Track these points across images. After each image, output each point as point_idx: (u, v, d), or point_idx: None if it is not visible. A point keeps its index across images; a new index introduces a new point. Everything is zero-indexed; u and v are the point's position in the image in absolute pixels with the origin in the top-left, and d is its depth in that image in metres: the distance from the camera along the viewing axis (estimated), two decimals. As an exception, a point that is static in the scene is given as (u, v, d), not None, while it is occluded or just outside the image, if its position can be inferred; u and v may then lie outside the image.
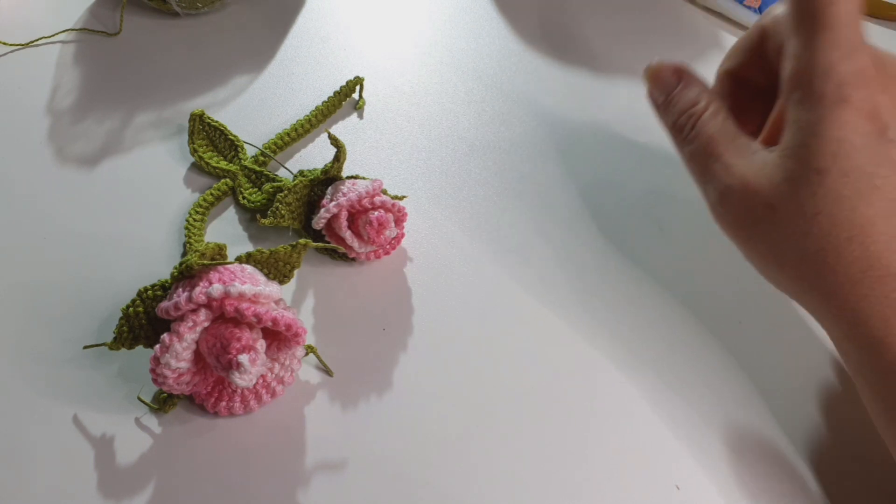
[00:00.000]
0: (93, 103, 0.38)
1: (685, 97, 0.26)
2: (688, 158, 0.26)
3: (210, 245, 0.26)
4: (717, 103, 0.26)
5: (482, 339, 0.29)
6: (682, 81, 0.27)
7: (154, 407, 0.26)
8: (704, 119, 0.25)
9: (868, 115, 0.22)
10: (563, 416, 0.27)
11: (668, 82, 0.27)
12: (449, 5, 0.46)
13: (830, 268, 0.22)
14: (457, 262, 0.32)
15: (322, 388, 0.27)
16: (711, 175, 0.25)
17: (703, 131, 0.25)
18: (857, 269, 0.22)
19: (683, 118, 0.26)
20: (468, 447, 0.26)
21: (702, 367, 0.29)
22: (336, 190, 0.30)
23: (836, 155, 0.22)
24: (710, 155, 0.25)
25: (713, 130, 0.25)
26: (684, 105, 0.26)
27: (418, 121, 0.38)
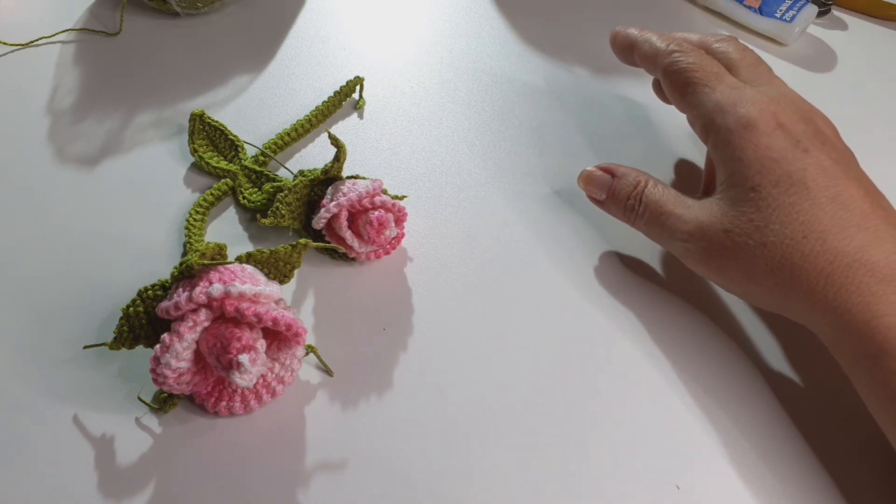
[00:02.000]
0: (93, 103, 0.38)
1: (625, 184, 0.29)
2: (646, 228, 0.29)
3: (210, 245, 0.26)
4: (654, 179, 0.29)
5: (482, 338, 0.29)
6: (615, 175, 0.30)
7: (154, 407, 0.26)
8: (647, 192, 0.28)
9: (775, 131, 0.25)
10: (562, 415, 0.27)
11: (603, 180, 0.30)
12: (449, 5, 0.46)
13: (799, 268, 0.24)
14: (457, 262, 0.32)
15: (322, 388, 0.27)
16: (669, 231, 0.27)
17: (651, 201, 0.28)
18: (824, 261, 0.23)
19: (630, 200, 0.29)
20: (468, 447, 0.26)
21: (702, 366, 0.29)
22: (336, 190, 0.30)
23: (760, 171, 0.25)
24: (663, 214, 0.28)
25: (658, 196, 0.28)
26: (626, 190, 0.29)
27: (418, 121, 0.38)
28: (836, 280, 0.23)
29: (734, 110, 0.26)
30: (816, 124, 0.26)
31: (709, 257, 0.26)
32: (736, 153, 0.25)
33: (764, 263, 0.24)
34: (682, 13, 0.48)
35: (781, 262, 0.24)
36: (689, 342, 0.29)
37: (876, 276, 0.22)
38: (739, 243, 0.25)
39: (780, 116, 0.26)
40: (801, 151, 0.25)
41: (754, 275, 0.25)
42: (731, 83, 0.27)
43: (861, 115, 0.41)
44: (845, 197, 0.24)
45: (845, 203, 0.24)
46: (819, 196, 0.24)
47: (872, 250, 0.23)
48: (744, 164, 0.25)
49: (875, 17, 0.49)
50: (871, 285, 0.22)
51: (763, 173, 0.25)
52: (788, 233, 0.24)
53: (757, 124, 0.25)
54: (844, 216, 0.24)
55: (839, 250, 0.23)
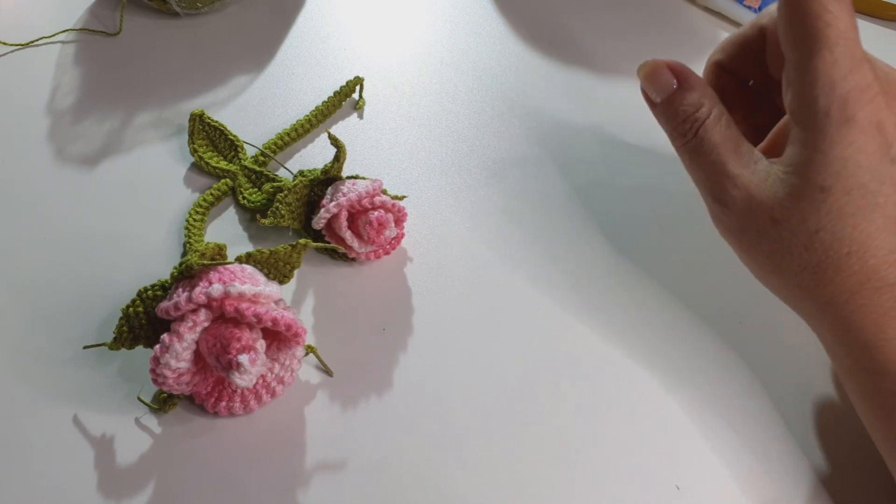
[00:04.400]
0: (93, 103, 0.38)
1: (687, 101, 0.25)
2: (690, 164, 0.26)
3: (210, 245, 0.26)
4: (720, 108, 0.25)
5: (482, 338, 0.29)
6: (682, 83, 0.26)
7: (154, 407, 0.26)
8: (708, 125, 0.24)
9: (872, 133, 0.22)
10: (562, 415, 0.27)
11: (665, 82, 0.26)
12: (449, 5, 0.46)
13: (829, 279, 0.23)
14: (457, 262, 0.32)
15: (322, 388, 0.27)
16: (714, 183, 0.24)
17: (707, 138, 0.24)
18: (855, 281, 0.22)
19: (687, 123, 0.25)
20: (468, 447, 0.26)
21: (702, 366, 0.29)
22: (336, 190, 0.30)
23: (839, 174, 0.22)
24: (714, 163, 0.24)
25: (717, 138, 0.24)
26: (687, 109, 0.25)
27: (418, 121, 0.38)
28: (860, 300, 0.22)
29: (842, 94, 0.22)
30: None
31: (743, 234, 0.24)
32: (823, 144, 0.22)
33: (798, 263, 0.23)
34: (682, 13, 0.48)
35: (815, 268, 0.23)
36: (689, 342, 0.29)
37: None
38: (783, 237, 0.23)
39: (883, 113, 0.22)
40: (888, 162, 0.22)
41: (781, 268, 0.24)
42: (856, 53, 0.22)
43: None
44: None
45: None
46: (881, 216, 0.22)
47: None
48: (826, 159, 0.22)
49: (875, 17, 0.49)
50: (891, 310, 0.22)
51: (840, 176, 0.22)
52: (836, 245, 0.22)
53: (858, 121, 0.22)
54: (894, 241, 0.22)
55: (874, 273, 0.22)
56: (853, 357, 0.23)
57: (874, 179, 0.22)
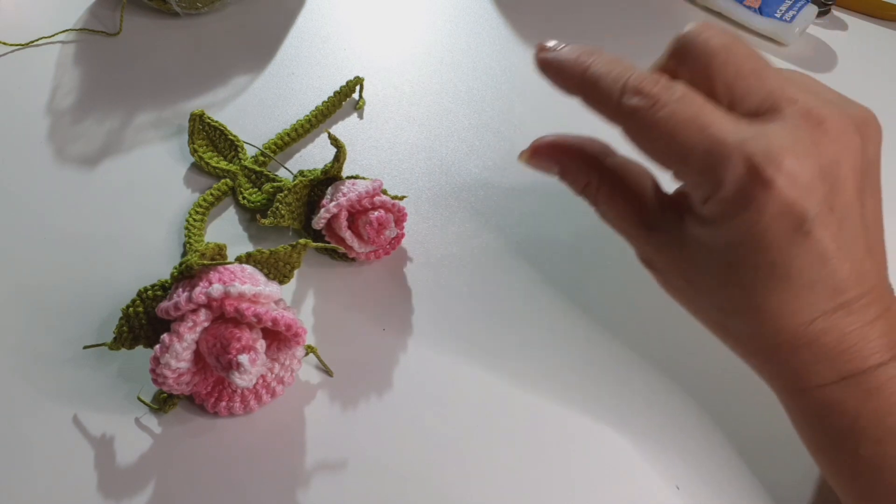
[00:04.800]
0: (93, 103, 0.38)
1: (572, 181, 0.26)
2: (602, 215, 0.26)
3: (210, 245, 0.26)
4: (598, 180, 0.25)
5: (482, 338, 0.29)
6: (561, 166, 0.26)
7: (154, 407, 0.26)
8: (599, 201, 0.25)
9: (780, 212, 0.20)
10: (562, 415, 0.27)
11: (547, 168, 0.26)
12: (449, 5, 0.46)
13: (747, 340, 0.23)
14: (457, 262, 0.32)
15: (322, 388, 0.27)
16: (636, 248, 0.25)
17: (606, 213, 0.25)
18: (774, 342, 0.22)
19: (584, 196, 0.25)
20: (468, 447, 0.26)
21: (702, 366, 0.29)
22: (336, 190, 0.30)
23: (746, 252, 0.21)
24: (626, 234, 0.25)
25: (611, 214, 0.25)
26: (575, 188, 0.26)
27: (418, 121, 0.38)
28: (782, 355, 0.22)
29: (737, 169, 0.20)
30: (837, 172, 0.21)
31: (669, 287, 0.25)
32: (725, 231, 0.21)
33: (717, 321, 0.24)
34: (681, 13, 0.48)
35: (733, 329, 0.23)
36: (689, 342, 0.29)
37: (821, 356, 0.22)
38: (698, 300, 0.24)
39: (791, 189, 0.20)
40: (801, 235, 0.20)
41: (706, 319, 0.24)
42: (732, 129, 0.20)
43: (861, 115, 0.41)
44: (827, 279, 0.21)
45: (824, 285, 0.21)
46: (796, 285, 0.21)
47: (828, 334, 0.21)
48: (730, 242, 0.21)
49: (875, 17, 0.49)
50: (813, 363, 0.22)
51: (747, 256, 0.21)
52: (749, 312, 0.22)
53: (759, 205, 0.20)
54: (814, 302, 0.21)
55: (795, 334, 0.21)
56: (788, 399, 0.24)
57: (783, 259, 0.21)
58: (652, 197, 0.24)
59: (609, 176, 0.25)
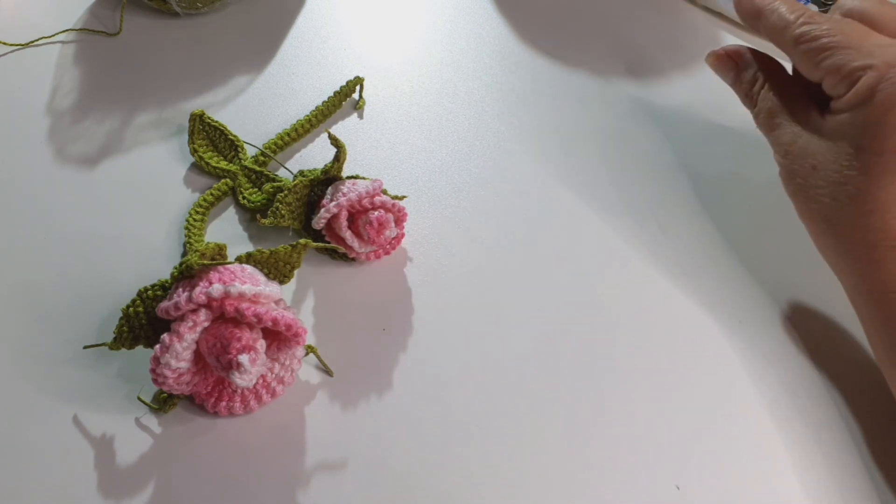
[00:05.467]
0: (93, 103, 0.38)
1: (744, 79, 0.31)
2: (756, 121, 0.30)
3: (210, 245, 0.26)
4: (768, 80, 0.30)
5: (482, 338, 0.29)
6: (738, 65, 0.31)
7: (154, 407, 0.26)
8: (762, 96, 0.30)
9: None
10: (563, 415, 0.27)
11: (727, 68, 0.32)
12: (449, 5, 0.46)
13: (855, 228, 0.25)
14: (457, 262, 0.32)
15: (322, 388, 0.27)
16: (774, 137, 0.28)
17: (761, 108, 0.29)
18: (876, 237, 0.25)
19: (748, 99, 0.30)
20: (468, 447, 0.26)
21: (702, 366, 0.29)
22: (336, 190, 0.30)
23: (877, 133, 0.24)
24: (771, 126, 0.29)
25: (769, 105, 0.29)
26: (745, 87, 0.31)
27: (418, 121, 0.38)
28: (877, 254, 0.24)
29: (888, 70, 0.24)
30: None
31: (791, 179, 0.28)
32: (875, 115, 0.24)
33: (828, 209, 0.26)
34: (682, 13, 0.48)
35: (847, 233, 0.25)
36: (688, 342, 0.29)
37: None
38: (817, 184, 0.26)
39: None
40: None
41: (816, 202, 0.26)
42: (881, 41, 0.25)
43: (861, 115, 0.41)
44: None
45: None
46: None
47: None
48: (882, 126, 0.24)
49: (875, 17, 0.49)
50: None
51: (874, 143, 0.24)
52: (863, 197, 0.25)
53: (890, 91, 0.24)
54: None
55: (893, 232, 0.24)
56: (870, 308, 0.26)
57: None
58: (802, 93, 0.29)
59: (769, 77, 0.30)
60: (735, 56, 0.31)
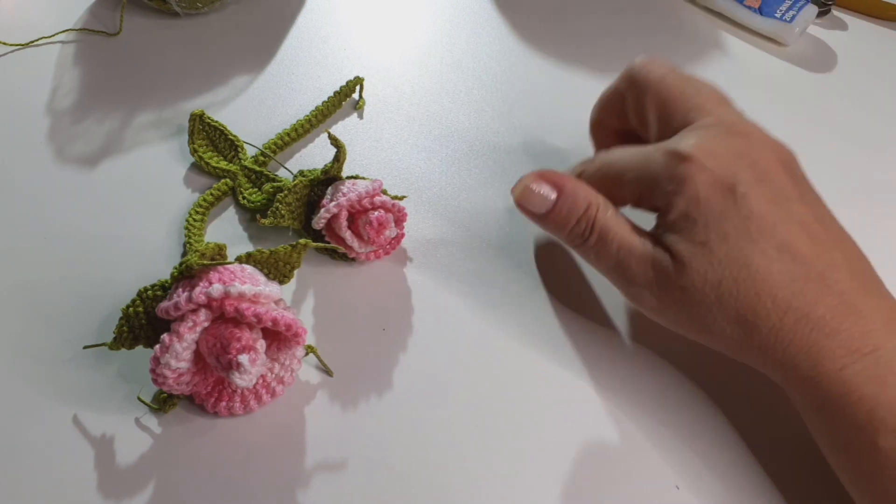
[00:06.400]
0: (93, 103, 0.38)
1: (576, 204, 0.26)
2: (596, 259, 0.27)
3: (210, 245, 0.26)
4: (604, 199, 0.27)
5: (482, 338, 0.29)
6: (561, 190, 0.27)
7: (154, 407, 0.26)
8: (600, 217, 0.26)
9: (710, 183, 0.24)
10: (563, 415, 0.27)
11: (542, 195, 0.27)
12: (449, 5, 0.46)
13: (752, 325, 0.24)
14: (457, 262, 0.32)
15: (322, 388, 0.27)
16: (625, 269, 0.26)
17: (606, 227, 0.26)
18: (775, 318, 0.23)
19: (582, 223, 0.26)
20: (468, 447, 0.26)
21: (702, 366, 0.29)
22: (336, 190, 0.30)
23: (706, 226, 0.24)
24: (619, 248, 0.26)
25: (613, 225, 0.26)
26: (577, 211, 0.26)
27: (418, 121, 0.38)
28: (785, 336, 0.23)
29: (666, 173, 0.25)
30: (752, 156, 0.25)
31: (664, 309, 0.26)
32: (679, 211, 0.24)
33: (719, 318, 0.24)
34: (682, 13, 0.48)
35: (736, 319, 0.24)
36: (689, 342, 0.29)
37: (822, 331, 0.23)
38: (696, 300, 0.24)
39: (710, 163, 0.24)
40: (739, 199, 0.24)
41: (708, 328, 0.25)
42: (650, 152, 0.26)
43: (861, 115, 0.41)
44: (790, 245, 0.24)
45: (791, 252, 0.23)
46: (766, 248, 0.23)
47: (818, 305, 0.23)
48: (690, 222, 0.24)
49: (875, 17, 0.50)
50: (818, 340, 0.23)
51: (709, 228, 0.24)
52: (742, 289, 0.23)
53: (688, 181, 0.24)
54: (791, 268, 0.23)
55: (788, 306, 0.23)
56: (800, 396, 0.24)
57: (737, 220, 0.24)
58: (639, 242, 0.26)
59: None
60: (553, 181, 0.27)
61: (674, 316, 0.25)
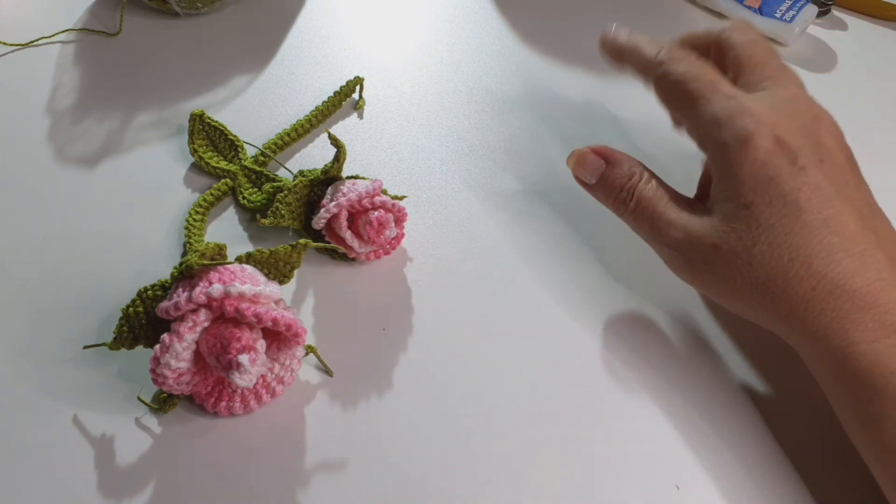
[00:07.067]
0: (93, 103, 0.38)
1: (619, 173, 0.28)
2: (635, 224, 0.28)
3: (210, 245, 0.26)
4: (647, 171, 0.28)
5: (482, 338, 0.29)
6: (609, 161, 0.28)
7: (154, 407, 0.26)
8: (640, 187, 0.27)
9: (773, 148, 0.24)
10: (563, 415, 0.27)
11: (595, 165, 0.28)
12: (449, 5, 0.46)
13: (782, 290, 0.24)
14: (457, 262, 0.32)
15: (322, 388, 0.27)
16: (658, 234, 0.27)
17: (643, 197, 0.27)
18: (807, 286, 0.23)
19: (623, 193, 0.28)
20: (468, 447, 0.26)
21: (702, 365, 0.29)
22: (336, 190, 0.30)
23: (755, 188, 0.24)
24: (653, 216, 0.27)
25: (651, 194, 0.27)
26: (620, 180, 0.28)
27: (418, 121, 0.38)
28: (817, 305, 0.23)
29: (731, 124, 0.25)
30: (818, 136, 0.25)
31: (694, 269, 0.26)
32: (732, 169, 0.25)
33: (749, 281, 0.24)
34: (682, 13, 0.48)
35: (766, 283, 0.24)
36: (689, 342, 0.29)
37: (856, 304, 0.23)
38: (727, 259, 0.24)
39: (778, 130, 0.24)
40: (797, 170, 0.24)
41: (738, 291, 0.25)
42: (728, 93, 0.26)
43: (861, 115, 0.41)
44: (837, 220, 0.24)
45: (836, 227, 0.24)
46: (810, 219, 0.23)
47: (856, 277, 0.23)
48: (739, 181, 0.24)
49: (875, 17, 0.49)
50: (850, 312, 0.23)
51: (757, 191, 0.24)
52: (776, 254, 0.24)
53: (754, 139, 0.24)
54: (833, 241, 0.23)
55: (823, 276, 0.23)
56: (829, 369, 0.24)
57: (789, 188, 0.24)
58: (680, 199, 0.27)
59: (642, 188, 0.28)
60: (603, 154, 0.29)
61: (702, 277, 0.26)
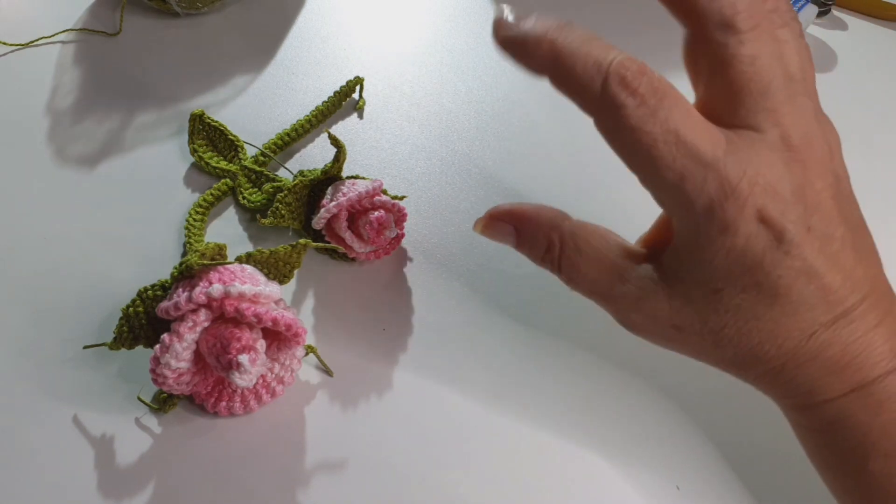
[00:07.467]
0: (93, 103, 0.38)
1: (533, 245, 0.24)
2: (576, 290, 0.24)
3: (210, 245, 0.26)
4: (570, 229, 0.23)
5: (482, 338, 0.29)
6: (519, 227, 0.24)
7: (154, 407, 0.26)
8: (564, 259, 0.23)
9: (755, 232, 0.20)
10: (563, 415, 0.27)
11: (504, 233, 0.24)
12: (449, 5, 0.46)
13: (750, 365, 0.22)
14: (457, 262, 0.32)
15: (322, 388, 0.27)
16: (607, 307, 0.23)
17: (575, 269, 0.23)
18: (777, 363, 0.21)
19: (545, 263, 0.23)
20: (468, 447, 0.26)
21: (702, 366, 0.29)
22: (336, 190, 0.30)
23: (728, 277, 0.21)
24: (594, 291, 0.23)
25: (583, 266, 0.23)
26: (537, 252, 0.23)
27: (418, 121, 0.38)
28: (787, 374, 0.22)
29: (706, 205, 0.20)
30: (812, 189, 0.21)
31: (655, 341, 0.24)
32: (704, 255, 0.21)
33: (714, 357, 0.23)
34: (682, 13, 0.48)
35: (732, 359, 0.22)
36: (688, 342, 0.29)
37: (828, 370, 0.21)
38: (690, 341, 0.22)
39: (763, 202, 0.20)
40: (781, 254, 0.20)
41: (704, 359, 0.23)
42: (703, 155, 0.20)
43: (861, 115, 0.41)
44: (817, 294, 0.21)
45: (815, 301, 0.21)
46: (786, 304, 0.21)
47: (832, 346, 0.21)
48: (711, 268, 0.21)
49: (875, 17, 0.49)
50: (821, 377, 0.21)
51: (730, 279, 0.21)
52: (745, 338, 0.21)
53: (733, 226, 0.20)
54: (810, 317, 0.21)
55: (795, 353, 0.21)
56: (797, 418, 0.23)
57: (769, 276, 0.20)
58: (619, 254, 0.23)
59: (570, 239, 0.23)
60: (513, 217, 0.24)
61: (664, 346, 0.24)
